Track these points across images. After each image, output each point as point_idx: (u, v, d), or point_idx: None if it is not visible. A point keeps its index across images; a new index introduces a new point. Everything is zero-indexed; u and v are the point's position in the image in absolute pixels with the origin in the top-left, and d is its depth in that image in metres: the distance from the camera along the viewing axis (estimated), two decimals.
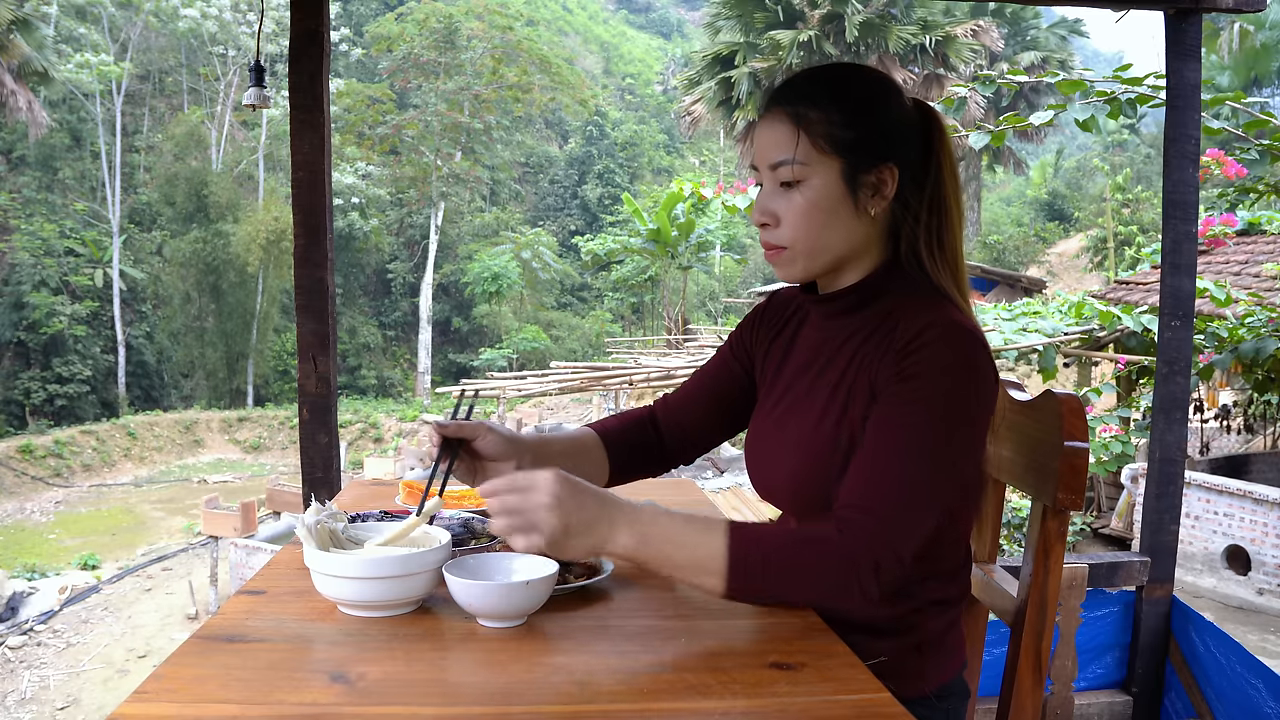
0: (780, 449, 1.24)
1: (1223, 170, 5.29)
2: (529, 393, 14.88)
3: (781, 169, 1.16)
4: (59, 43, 28.33)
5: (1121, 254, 21.86)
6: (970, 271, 23.50)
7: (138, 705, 0.83)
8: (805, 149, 1.14)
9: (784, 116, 1.16)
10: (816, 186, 1.15)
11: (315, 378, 2.26)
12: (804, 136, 1.14)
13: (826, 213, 1.15)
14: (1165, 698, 2.69)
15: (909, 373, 1.08)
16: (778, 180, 1.17)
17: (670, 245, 23.18)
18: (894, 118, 1.18)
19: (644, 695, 0.90)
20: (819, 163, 1.14)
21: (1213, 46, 19.60)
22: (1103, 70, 3.82)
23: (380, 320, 34.07)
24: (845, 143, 1.14)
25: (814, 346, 1.25)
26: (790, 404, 1.25)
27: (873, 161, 1.15)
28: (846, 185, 1.15)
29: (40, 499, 20.60)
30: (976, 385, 1.08)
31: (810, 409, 1.20)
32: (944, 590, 1.20)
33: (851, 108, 1.15)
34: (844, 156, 1.14)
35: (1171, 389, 2.55)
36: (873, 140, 1.15)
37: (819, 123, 1.14)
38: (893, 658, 1.14)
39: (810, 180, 1.15)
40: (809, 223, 1.15)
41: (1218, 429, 10.02)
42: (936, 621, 1.20)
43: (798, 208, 1.16)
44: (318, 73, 2.22)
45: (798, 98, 1.16)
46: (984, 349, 1.09)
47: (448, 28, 30.81)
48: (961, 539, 1.23)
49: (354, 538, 1.17)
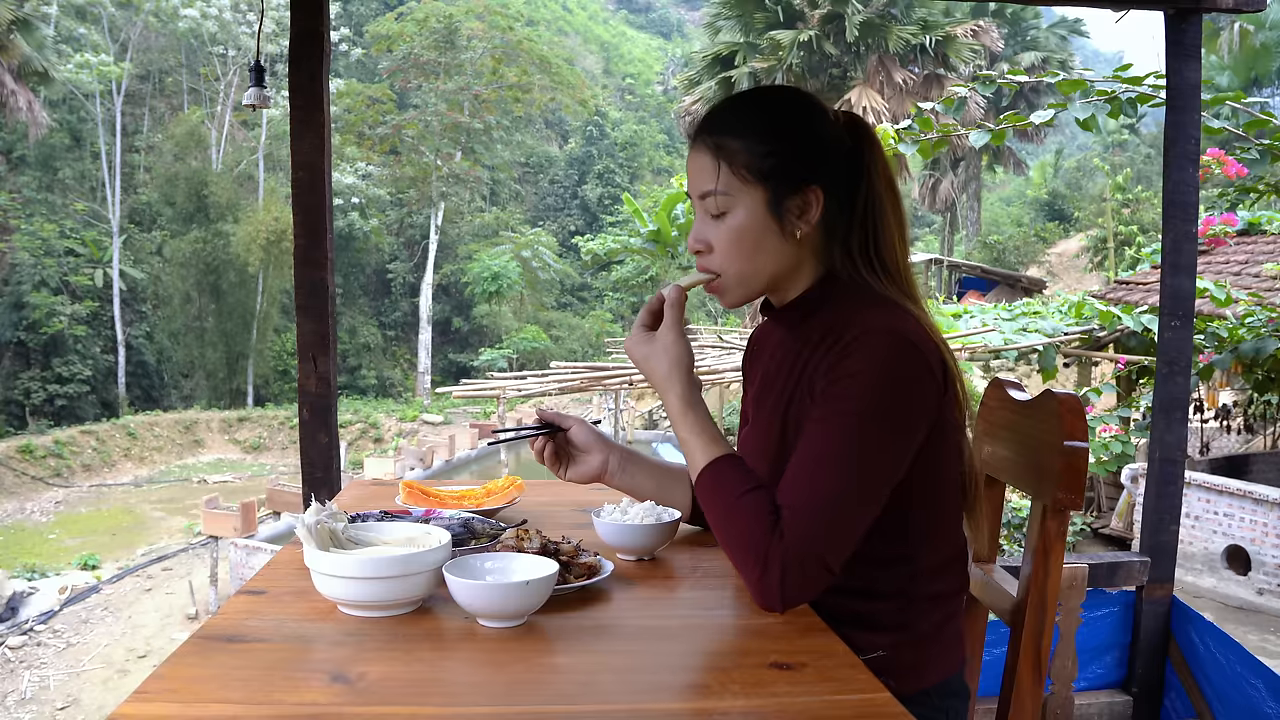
0: (759, 461, 1.26)
1: (1223, 170, 5.29)
2: (529, 393, 14.86)
3: (708, 200, 1.19)
4: (59, 43, 28.32)
5: (1121, 254, 21.86)
6: (970, 271, 23.25)
7: (138, 705, 0.83)
8: (727, 179, 1.17)
9: (705, 149, 1.19)
10: (741, 215, 1.18)
11: (315, 378, 2.26)
12: (725, 167, 1.17)
13: (754, 240, 1.18)
14: (1165, 698, 2.69)
15: (830, 378, 1.11)
16: (707, 210, 1.20)
17: (670, 245, 23.17)
18: (816, 139, 1.20)
19: (644, 695, 0.90)
20: (742, 192, 1.17)
21: (1213, 46, 19.59)
22: (1103, 70, 3.82)
23: (380, 320, 34.06)
24: (767, 170, 1.17)
25: (780, 359, 1.28)
26: (762, 420, 1.28)
27: (796, 185, 1.17)
28: (771, 211, 1.18)
29: (40, 499, 20.59)
30: (894, 388, 1.09)
31: (772, 424, 1.23)
32: (938, 584, 1.21)
33: (771, 134, 1.18)
34: (766, 184, 1.17)
35: (1171, 389, 2.55)
36: (795, 165, 1.17)
37: (739, 152, 1.17)
38: (890, 652, 1.16)
39: (735, 210, 1.18)
40: (738, 251, 1.19)
41: (1218, 429, 10.02)
42: (933, 616, 1.21)
43: (725, 236, 1.19)
44: (318, 73, 2.22)
45: (718, 128, 1.19)
46: (908, 352, 1.10)
47: (448, 28, 30.78)
48: (949, 532, 1.24)
49: (354, 538, 1.17)
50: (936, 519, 1.21)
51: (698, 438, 1.16)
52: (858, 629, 1.15)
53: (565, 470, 1.42)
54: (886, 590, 1.18)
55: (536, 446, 1.42)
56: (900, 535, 1.17)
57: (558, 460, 1.41)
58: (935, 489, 1.19)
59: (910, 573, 1.18)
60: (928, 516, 1.19)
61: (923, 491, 1.17)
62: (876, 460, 1.08)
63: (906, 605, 1.18)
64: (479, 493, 1.60)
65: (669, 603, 1.18)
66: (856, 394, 1.08)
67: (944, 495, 1.21)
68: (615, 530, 1.30)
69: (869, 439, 1.07)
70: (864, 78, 21.40)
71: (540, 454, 1.41)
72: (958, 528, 1.25)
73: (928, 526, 1.19)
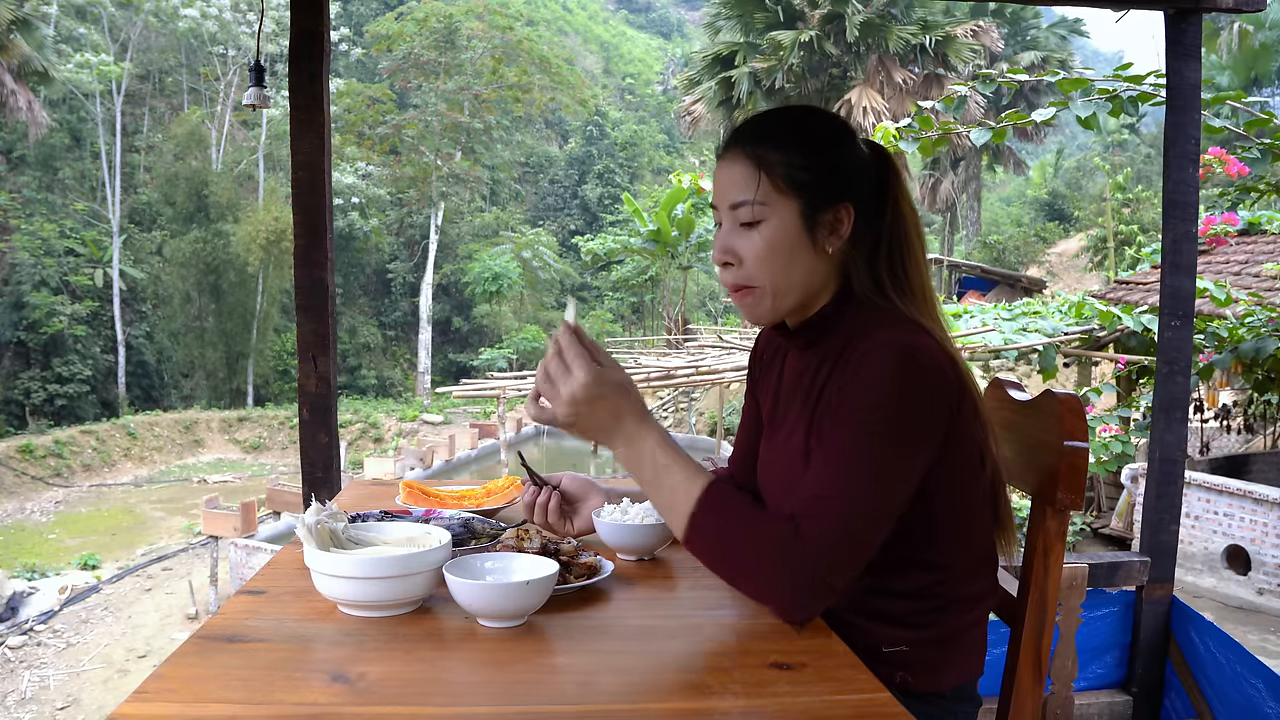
0: (783, 479, 1.27)
1: (1224, 169, 5.29)
2: (529, 393, 14.86)
3: (742, 209, 1.19)
4: (59, 43, 28.31)
5: (1121, 254, 21.84)
6: (970, 271, 23.25)
7: (138, 705, 0.83)
8: (765, 189, 1.17)
9: (744, 157, 1.19)
10: (776, 226, 1.18)
11: (315, 378, 2.26)
12: (764, 177, 1.17)
13: (787, 252, 1.18)
14: (1165, 698, 2.69)
15: (844, 392, 1.11)
16: (737, 220, 1.20)
17: (670, 245, 23.16)
18: (849, 158, 1.22)
19: (644, 695, 0.90)
20: (778, 203, 1.17)
21: (1213, 46, 19.59)
22: (1103, 70, 3.82)
23: (380, 320, 34.06)
24: (803, 183, 1.17)
25: (795, 377, 1.29)
26: (783, 436, 1.28)
27: (830, 201, 1.18)
28: (805, 224, 1.18)
29: (40, 499, 20.59)
30: (905, 400, 1.08)
31: (794, 439, 1.24)
32: (966, 588, 1.22)
33: (809, 149, 1.19)
34: (802, 196, 1.17)
35: (1171, 389, 2.55)
36: (829, 181, 1.19)
37: (778, 164, 1.17)
38: (912, 649, 1.17)
39: (770, 220, 1.18)
40: (772, 262, 1.18)
41: (1218, 429, 10.02)
42: (960, 619, 1.21)
43: (759, 247, 1.18)
44: (318, 73, 2.22)
45: (758, 139, 1.20)
46: (920, 365, 1.09)
47: (448, 28, 30.77)
48: (978, 539, 1.24)
49: (354, 538, 1.17)
50: (966, 525, 1.21)
51: (682, 468, 1.09)
52: (881, 624, 1.17)
53: (569, 525, 1.41)
54: (919, 591, 1.19)
55: (528, 500, 1.40)
56: (927, 540, 1.17)
57: (561, 517, 1.40)
58: (959, 499, 1.19)
59: (943, 575, 1.19)
60: (958, 521, 1.19)
61: (953, 496, 1.17)
62: (891, 470, 1.07)
63: (937, 606, 1.19)
64: (479, 493, 1.60)
65: (669, 603, 1.18)
66: (869, 405, 1.08)
67: (969, 504, 1.21)
68: (615, 530, 1.30)
69: (882, 450, 1.07)
70: (864, 78, 21.40)
71: (541, 509, 1.39)
72: (987, 535, 1.26)
73: (959, 531, 1.20)
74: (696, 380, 13.47)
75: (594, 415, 1.08)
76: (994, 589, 1.29)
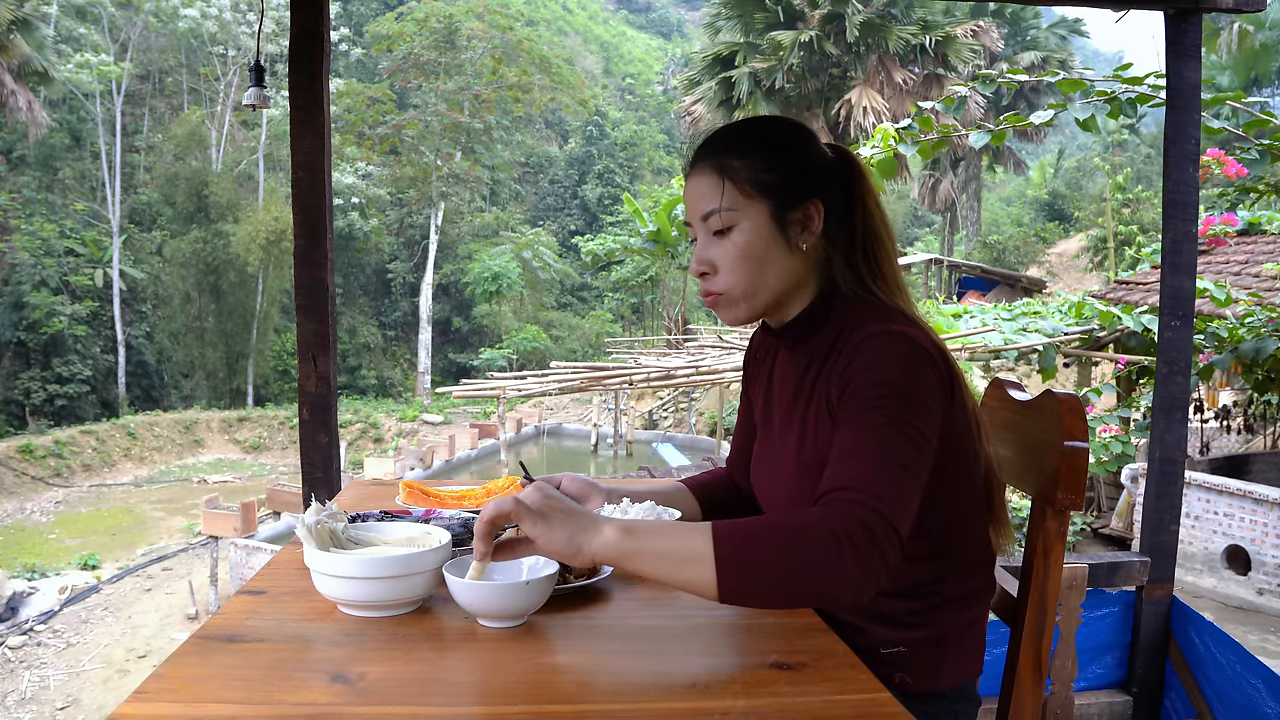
0: (777, 479, 1.28)
1: (1223, 170, 5.29)
2: (529, 393, 14.86)
3: (712, 218, 1.21)
4: (59, 43, 28.30)
5: (1121, 254, 21.84)
6: (970, 271, 23.27)
7: (138, 705, 0.83)
8: (731, 195, 1.19)
9: (709, 169, 1.22)
10: (747, 230, 1.20)
11: (315, 378, 2.26)
12: (729, 184, 1.19)
13: (760, 253, 1.20)
14: (1165, 698, 2.69)
15: (855, 381, 1.10)
16: (710, 230, 1.22)
17: (670, 245, 23.17)
18: (812, 157, 1.24)
19: (644, 695, 0.90)
20: (746, 206, 1.19)
21: (1213, 46, 19.58)
22: (1103, 70, 3.82)
23: (380, 320, 34.06)
24: (769, 184, 1.19)
25: (785, 376, 1.30)
26: (777, 434, 1.29)
27: (797, 199, 1.20)
28: (775, 224, 1.20)
29: (40, 499, 20.58)
30: (906, 375, 1.09)
31: (789, 437, 1.25)
32: (963, 585, 1.22)
33: (771, 152, 1.21)
34: (770, 197, 1.19)
35: (1171, 389, 2.55)
36: (795, 179, 1.20)
37: (742, 169, 1.20)
38: (910, 649, 1.18)
39: (740, 224, 1.20)
40: (745, 264, 1.20)
41: (1218, 429, 10.02)
42: (958, 618, 1.22)
43: (732, 252, 1.20)
44: (318, 73, 2.22)
45: (720, 150, 1.22)
46: (922, 353, 1.11)
47: (448, 28, 30.77)
48: (974, 534, 1.24)
49: (354, 538, 1.17)
50: (961, 521, 1.21)
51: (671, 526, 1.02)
52: (882, 625, 1.17)
53: None
54: (916, 589, 1.19)
55: None
56: (926, 532, 1.15)
57: None
58: (955, 490, 1.19)
59: (940, 572, 1.19)
60: (953, 516, 1.20)
61: (946, 491, 1.16)
62: (912, 433, 1.06)
63: (934, 605, 1.19)
64: (479, 493, 1.60)
65: (669, 603, 1.18)
66: (876, 383, 1.08)
67: (965, 497, 1.21)
68: None
69: (900, 418, 1.06)
70: (864, 78, 21.39)
71: None
72: (983, 531, 1.26)
73: (954, 526, 1.20)
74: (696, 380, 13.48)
75: (550, 510, 0.99)
76: (991, 586, 1.29)
